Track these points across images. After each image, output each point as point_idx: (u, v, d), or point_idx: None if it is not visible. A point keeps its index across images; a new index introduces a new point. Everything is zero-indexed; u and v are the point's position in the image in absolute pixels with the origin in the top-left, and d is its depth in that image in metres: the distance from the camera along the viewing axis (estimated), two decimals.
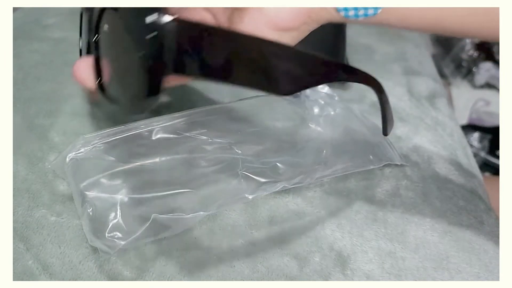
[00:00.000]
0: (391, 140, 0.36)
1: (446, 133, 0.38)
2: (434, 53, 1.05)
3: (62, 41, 0.43)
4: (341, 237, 0.29)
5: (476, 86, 1.05)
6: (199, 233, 0.27)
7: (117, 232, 0.24)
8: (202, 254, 0.26)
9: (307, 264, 0.27)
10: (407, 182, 0.32)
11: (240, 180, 0.28)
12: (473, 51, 1.03)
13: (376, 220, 0.30)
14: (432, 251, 0.28)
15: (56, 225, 0.27)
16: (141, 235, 0.25)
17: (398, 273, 0.27)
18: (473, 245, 0.29)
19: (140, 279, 0.25)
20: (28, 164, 0.31)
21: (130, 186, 0.26)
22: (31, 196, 0.29)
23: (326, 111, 0.34)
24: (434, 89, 0.44)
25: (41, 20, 0.46)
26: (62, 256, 0.26)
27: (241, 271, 0.26)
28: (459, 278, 0.27)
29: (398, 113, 0.39)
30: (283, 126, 0.33)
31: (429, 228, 0.30)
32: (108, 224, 0.25)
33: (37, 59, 0.40)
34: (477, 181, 0.35)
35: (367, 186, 0.32)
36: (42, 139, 0.33)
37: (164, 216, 0.25)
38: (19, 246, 0.26)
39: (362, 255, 0.28)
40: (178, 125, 0.30)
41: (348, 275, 0.27)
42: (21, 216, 0.28)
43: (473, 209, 0.32)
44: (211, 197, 0.27)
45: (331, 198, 0.31)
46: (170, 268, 0.25)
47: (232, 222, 0.28)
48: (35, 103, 0.36)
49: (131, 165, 0.27)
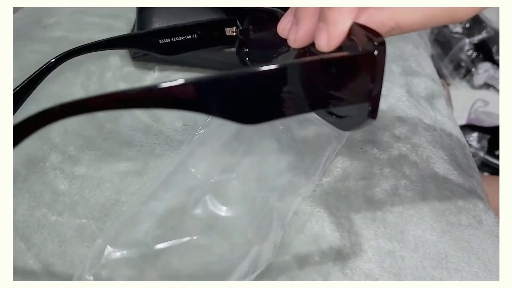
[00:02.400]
0: (391, 140, 0.36)
1: (445, 133, 0.39)
2: (433, 53, 1.05)
3: (63, 41, 0.43)
4: (341, 236, 0.29)
5: (475, 86, 1.05)
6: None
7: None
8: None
9: (307, 263, 0.27)
10: (406, 182, 0.33)
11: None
12: (472, 52, 1.03)
13: (375, 220, 0.30)
14: (431, 250, 0.29)
15: (57, 224, 0.28)
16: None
17: (398, 272, 0.27)
18: (472, 244, 0.29)
19: (140, 279, 0.25)
20: (29, 164, 0.31)
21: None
22: (32, 196, 0.29)
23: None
24: (433, 89, 0.44)
25: (42, 21, 0.46)
26: (62, 256, 0.26)
27: (241, 269, 0.26)
28: (458, 277, 0.27)
29: (397, 113, 0.40)
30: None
31: (428, 227, 0.30)
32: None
33: (38, 59, 0.40)
34: (475, 181, 0.35)
35: (366, 185, 0.32)
36: (43, 139, 0.33)
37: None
38: (20, 246, 0.26)
39: (361, 254, 0.28)
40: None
41: (348, 274, 0.27)
42: (22, 216, 0.28)
43: (472, 209, 0.32)
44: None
45: (331, 197, 0.31)
46: (171, 266, 0.25)
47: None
48: (36, 103, 0.36)
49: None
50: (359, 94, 0.19)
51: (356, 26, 0.20)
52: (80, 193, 0.30)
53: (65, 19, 0.46)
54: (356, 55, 0.19)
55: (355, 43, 0.20)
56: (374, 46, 0.18)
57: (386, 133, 0.36)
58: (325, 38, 0.20)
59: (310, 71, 0.19)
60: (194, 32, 0.31)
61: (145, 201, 0.27)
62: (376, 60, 0.18)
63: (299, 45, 0.23)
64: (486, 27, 1.01)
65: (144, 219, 0.26)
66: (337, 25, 0.20)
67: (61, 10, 0.47)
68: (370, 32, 0.19)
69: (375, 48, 0.18)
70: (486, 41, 1.02)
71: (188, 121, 0.36)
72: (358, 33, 0.19)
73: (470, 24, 1.04)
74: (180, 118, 0.36)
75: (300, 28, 0.22)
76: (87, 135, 0.34)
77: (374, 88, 0.19)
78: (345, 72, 0.19)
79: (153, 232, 0.26)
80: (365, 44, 0.19)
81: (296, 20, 0.22)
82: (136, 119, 0.35)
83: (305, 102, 0.19)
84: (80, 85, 0.38)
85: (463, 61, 1.04)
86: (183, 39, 0.31)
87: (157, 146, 0.33)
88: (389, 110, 0.39)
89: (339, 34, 0.20)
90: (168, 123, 0.35)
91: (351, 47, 0.20)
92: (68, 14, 0.47)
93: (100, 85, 0.39)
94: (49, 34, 0.44)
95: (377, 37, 0.18)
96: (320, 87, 0.19)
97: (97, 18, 0.46)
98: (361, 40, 0.19)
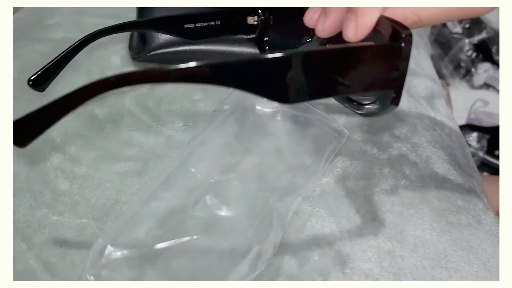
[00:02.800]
0: (391, 140, 0.36)
1: (444, 133, 0.39)
2: (433, 53, 1.05)
3: (63, 42, 0.43)
4: (340, 236, 0.29)
5: (475, 86, 1.05)
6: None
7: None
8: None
9: (307, 262, 0.27)
10: (406, 182, 0.33)
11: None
12: (472, 52, 1.03)
13: (375, 219, 0.30)
14: (431, 250, 0.29)
15: (58, 224, 0.28)
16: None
17: (397, 272, 0.27)
18: (472, 244, 0.29)
19: (140, 279, 0.25)
20: (29, 164, 0.31)
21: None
22: (32, 196, 0.29)
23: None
24: (432, 89, 0.44)
25: (43, 21, 0.46)
26: (63, 255, 0.26)
27: (241, 269, 0.26)
28: (458, 276, 0.27)
29: (396, 113, 0.40)
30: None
31: (428, 227, 0.30)
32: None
33: (39, 60, 0.40)
34: (475, 180, 0.35)
35: (366, 185, 0.32)
36: (43, 139, 0.33)
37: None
38: (20, 246, 0.26)
39: (361, 254, 0.28)
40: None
41: (348, 274, 0.27)
42: (22, 216, 0.28)
43: (471, 209, 0.32)
44: None
45: (330, 197, 0.31)
46: (171, 266, 0.26)
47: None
48: (36, 103, 0.36)
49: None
50: (385, 81, 0.21)
51: (383, 18, 0.21)
52: (81, 193, 0.30)
53: (65, 20, 0.46)
54: (387, 44, 0.20)
55: (381, 35, 0.21)
56: (402, 37, 0.20)
57: (386, 133, 0.36)
58: (353, 29, 0.21)
59: (347, 57, 0.20)
60: (217, 19, 0.32)
61: (145, 201, 0.27)
62: (403, 50, 0.20)
63: (326, 35, 0.24)
64: (486, 28, 1.01)
65: (144, 219, 0.26)
66: (365, 16, 0.21)
67: (62, 11, 0.47)
68: (397, 25, 0.20)
69: (403, 40, 0.20)
70: (486, 41, 1.02)
71: (188, 121, 0.36)
72: (385, 25, 0.21)
73: (470, 25, 1.04)
74: (180, 118, 0.36)
75: (328, 18, 0.23)
76: (88, 135, 0.34)
77: (399, 76, 0.21)
78: (374, 61, 0.21)
79: (153, 232, 0.26)
80: (393, 35, 0.20)
81: (325, 10, 0.23)
82: (136, 119, 0.36)
83: (335, 86, 0.21)
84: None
85: (463, 61, 1.04)
86: (206, 25, 0.32)
87: (157, 146, 0.34)
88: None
89: (367, 26, 0.21)
90: (168, 123, 0.35)
91: (376, 38, 0.21)
92: (68, 14, 0.47)
93: None
94: (49, 35, 0.44)
95: (404, 29, 0.20)
96: (351, 73, 0.21)
97: (97, 19, 0.46)
98: (388, 31, 0.20)
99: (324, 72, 0.20)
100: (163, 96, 0.38)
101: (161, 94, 0.38)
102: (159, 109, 0.37)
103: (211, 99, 0.38)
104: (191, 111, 0.37)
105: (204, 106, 0.37)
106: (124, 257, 0.25)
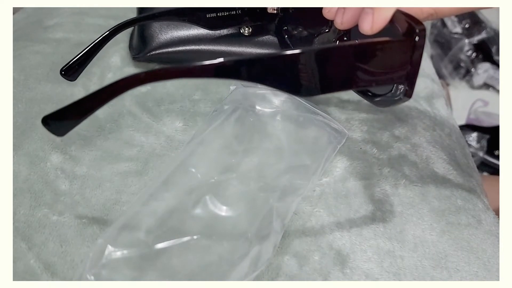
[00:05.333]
0: (390, 140, 0.36)
1: (444, 133, 0.39)
2: (433, 53, 1.05)
3: (64, 42, 0.43)
4: (340, 236, 0.29)
5: (475, 86, 1.05)
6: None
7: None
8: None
9: (307, 262, 0.27)
10: (406, 182, 0.33)
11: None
12: (472, 52, 1.03)
13: (375, 219, 0.30)
14: (431, 250, 0.29)
15: (58, 224, 0.28)
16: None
17: (397, 272, 0.27)
18: (472, 244, 0.29)
19: (141, 279, 0.25)
20: (30, 164, 0.31)
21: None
22: (33, 196, 0.29)
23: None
24: (432, 89, 0.44)
25: (43, 22, 0.46)
26: (63, 255, 0.26)
27: (241, 269, 0.26)
28: (458, 276, 0.27)
29: (396, 113, 0.40)
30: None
31: (428, 227, 0.30)
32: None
33: (39, 60, 0.40)
34: (475, 180, 0.35)
35: (366, 185, 0.32)
36: (43, 139, 0.33)
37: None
38: (21, 246, 0.26)
39: (361, 254, 0.28)
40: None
41: (347, 274, 0.27)
42: (23, 216, 0.28)
43: (471, 208, 0.32)
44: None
45: (330, 197, 0.31)
46: (171, 266, 0.26)
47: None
48: (36, 104, 0.36)
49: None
50: (398, 75, 0.22)
51: (398, 13, 0.22)
52: (81, 193, 0.30)
53: (66, 20, 0.46)
54: (402, 40, 0.21)
55: (396, 28, 0.22)
56: (416, 32, 0.20)
57: (386, 133, 0.37)
58: (370, 22, 0.22)
59: (365, 52, 0.21)
60: (238, 8, 0.33)
61: (145, 201, 0.27)
62: (417, 45, 0.21)
63: (345, 27, 0.25)
64: (486, 28, 1.01)
65: (144, 219, 0.26)
66: (382, 10, 0.22)
67: (62, 11, 0.47)
68: (411, 19, 0.21)
69: (417, 34, 0.20)
70: (485, 42, 1.02)
71: (188, 121, 0.36)
72: (400, 19, 0.21)
73: (470, 25, 1.04)
74: (180, 118, 0.36)
75: (347, 11, 0.24)
76: (88, 135, 0.34)
77: (412, 70, 0.22)
78: (389, 55, 0.21)
79: (153, 232, 0.26)
80: (407, 30, 0.21)
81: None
82: (136, 119, 0.36)
83: (352, 80, 0.22)
84: (81, 85, 0.38)
85: (462, 61, 1.04)
86: (227, 14, 0.33)
87: (157, 146, 0.34)
88: (388, 110, 0.39)
89: (383, 19, 0.22)
90: (168, 123, 0.35)
91: (392, 31, 0.22)
92: (68, 15, 0.47)
93: (100, 86, 0.39)
94: (50, 35, 0.44)
95: (418, 25, 0.21)
96: (367, 66, 0.21)
97: (97, 19, 0.46)
98: (403, 26, 0.21)
99: (342, 66, 0.21)
100: (163, 96, 0.38)
101: (161, 94, 0.38)
102: (159, 109, 0.37)
103: (211, 99, 0.38)
104: (191, 111, 0.37)
105: (204, 106, 0.37)
106: (124, 257, 0.25)
